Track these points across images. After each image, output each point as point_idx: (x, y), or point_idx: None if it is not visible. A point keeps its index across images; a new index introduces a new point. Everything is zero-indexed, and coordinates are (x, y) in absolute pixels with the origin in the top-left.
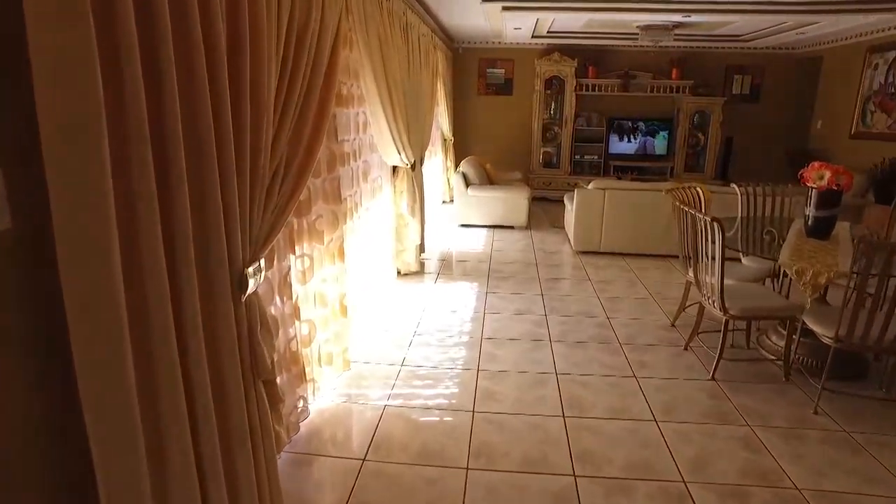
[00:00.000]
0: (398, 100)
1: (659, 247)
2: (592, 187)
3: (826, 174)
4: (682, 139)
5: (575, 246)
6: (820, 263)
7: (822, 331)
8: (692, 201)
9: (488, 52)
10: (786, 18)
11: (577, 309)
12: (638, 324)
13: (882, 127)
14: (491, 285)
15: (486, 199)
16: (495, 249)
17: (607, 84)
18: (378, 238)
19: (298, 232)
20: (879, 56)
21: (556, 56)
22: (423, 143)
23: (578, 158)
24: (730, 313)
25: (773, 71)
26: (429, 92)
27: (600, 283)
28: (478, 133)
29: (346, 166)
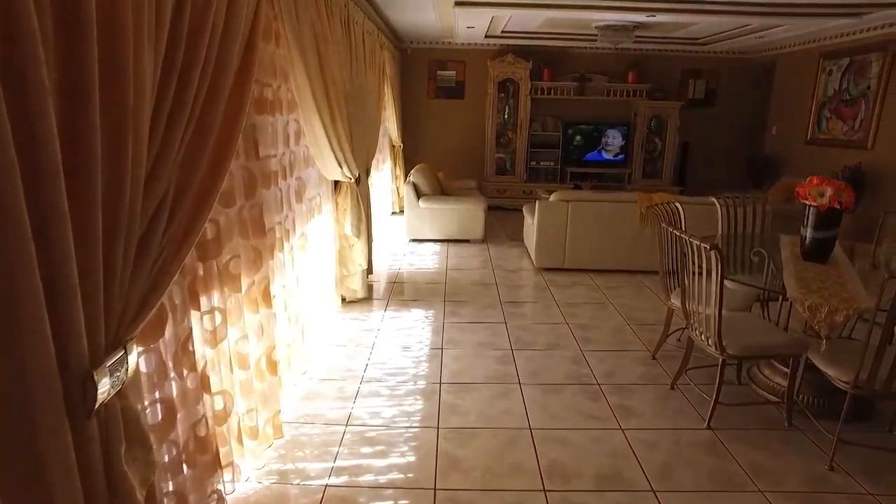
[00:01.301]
0: (338, 105)
1: (627, 262)
2: (555, 199)
3: (827, 191)
4: (640, 144)
5: (537, 262)
6: (836, 298)
7: (836, 374)
8: (671, 218)
9: (439, 52)
10: (751, 21)
11: (547, 340)
12: (615, 357)
13: (838, 134)
14: (448, 312)
15: (439, 211)
16: (451, 267)
17: (563, 87)
18: (318, 266)
19: (205, 280)
20: (833, 63)
21: (509, 58)
22: (370, 153)
23: (534, 165)
24: (728, 353)
25: (727, 75)
26: (375, 95)
27: (568, 306)
28: (429, 139)
29: (272, 188)
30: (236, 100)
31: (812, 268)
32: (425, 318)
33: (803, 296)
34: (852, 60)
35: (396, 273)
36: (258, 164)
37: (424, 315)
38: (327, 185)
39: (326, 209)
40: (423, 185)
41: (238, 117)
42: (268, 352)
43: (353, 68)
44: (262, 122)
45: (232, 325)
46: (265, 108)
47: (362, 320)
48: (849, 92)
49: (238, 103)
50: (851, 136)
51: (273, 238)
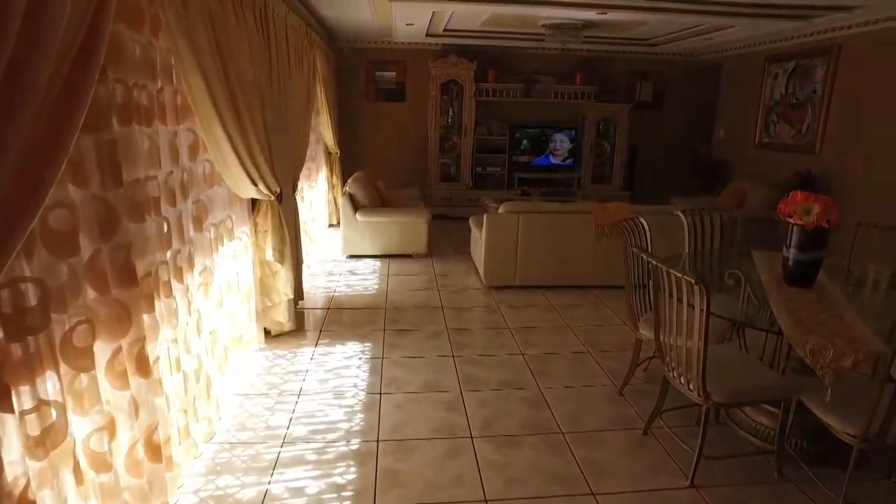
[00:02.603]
0: (250, 109)
1: (582, 277)
2: (504, 211)
3: (814, 208)
4: (589, 148)
5: (486, 280)
6: (840, 338)
7: (841, 426)
8: (637, 236)
9: (377, 52)
10: (704, 20)
11: (500, 376)
12: (578, 395)
13: (786, 138)
14: (388, 344)
15: (378, 224)
16: (392, 288)
17: (509, 89)
18: (230, 302)
19: (25, 364)
20: (778, 66)
21: (452, 58)
22: (297, 165)
23: (480, 171)
24: (713, 400)
25: (674, 78)
26: (304, 99)
27: (522, 331)
28: (367, 145)
29: (149, 219)
30: (64, 103)
31: (799, 295)
32: (362, 352)
33: (802, 335)
34: (797, 64)
35: (331, 296)
36: (122, 193)
37: (361, 349)
38: (243, 205)
39: (242, 233)
40: (360, 197)
41: (65, 128)
42: (147, 434)
43: (275, 67)
44: (130, 136)
45: (83, 415)
46: (137, 117)
47: (289, 359)
48: (795, 96)
49: (69, 108)
50: (799, 140)
51: (152, 284)
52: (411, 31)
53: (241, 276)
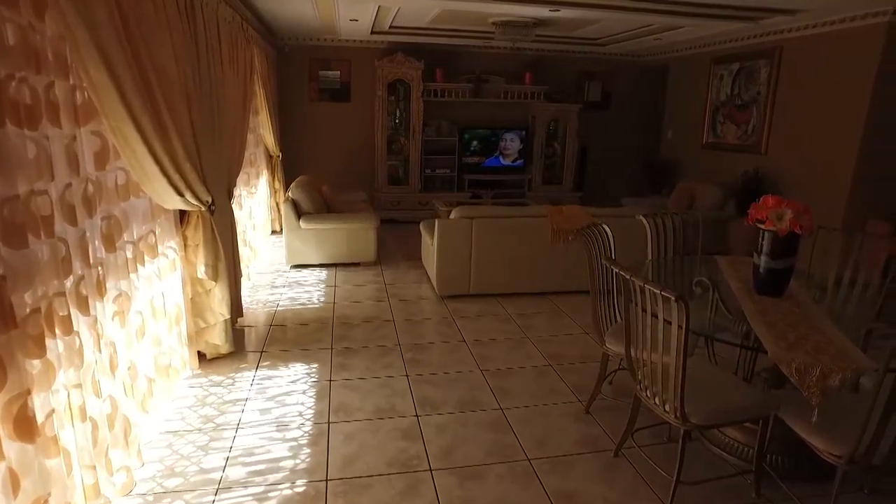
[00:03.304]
0: (172, 109)
1: (539, 283)
2: (456, 216)
3: (787, 213)
4: (539, 149)
5: (439, 289)
6: (825, 355)
7: (826, 447)
8: (602, 243)
9: (321, 50)
10: (655, 19)
11: (458, 396)
12: (543, 415)
13: (732, 138)
14: (336, 364)
15: (324, 232)
16: (339, 300)
17: (457, 89)
18: (154, 329)
19: None
20: (724, 68)
21: (399, 57)
22: (233, 170)
23: (429, 173)
24: (691, 422)
25: (622, 78)
26: (239, 98)
27: (479, 344)
28: (311, 147)
29: (36, 243)
30: None
31: (774, 306)
32: (308, 375)
33: (786, 353)
34: (742, 66)
35: (274, 311)
36: None
37: (307, 371)
38: (169, 217)
39: (169, 248)
40: (304, 202)
41: None
42: None
43: (204, 63)
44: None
45: None
46: (14, 117)
47: (226, 386)
48: (741, 97)
49: None
50: (745, 140)
51: (42, 322)
52: (356, 27)
53: (168, 298)
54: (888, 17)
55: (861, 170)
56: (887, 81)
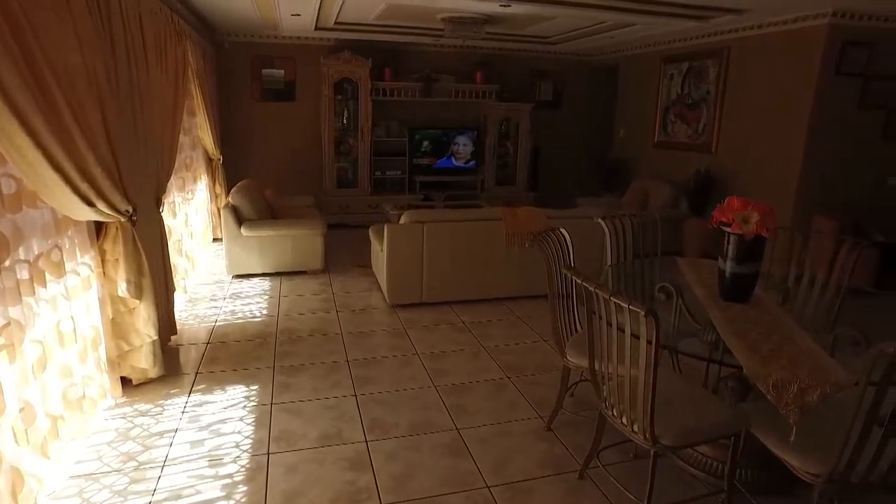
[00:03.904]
0: (78, 108)
1: (494, 289)
2: (406, 220)
3: (753, 216)
4: (491, 149)
5: (390, 298)
6: (803, 370)
7: (802, 465)
8: (560, 249)
9: (263, 47)
10: (607, 16)
11: (411, 418)
12: (502, 434)
13: (683, 137)
14: (279, 385)
15: (268, 239)
16: (284, 312)
17: (407, 88)
18: (64, 356)
19: None
20: (674, 67)
21: (346, 55)
22: (161, 175)
23: (379, 175)
24: (661, 443)
25: (573, 77)
26: (169, 97)
27: (433, 357)
28: (255, 150)
29: None
30: None
31: (742, 313)
32: (247, 398)
33: (762, 368)
34: (691, 65)
35: (213, 327)
36: None
37: (246, 394)
38: (81, 229)
39: (81, 264)
40: (245, 208)
41: None
42: None
43: (122, 57)
44: None
45: None
46: None
47: (154, 416)
48: (691, 96)
49: None
50: (696, 139)
51: None
52: (299, 23)
53: (81, 321)
54: (828, 19)
55: (807, 168)
56: (828, 81)
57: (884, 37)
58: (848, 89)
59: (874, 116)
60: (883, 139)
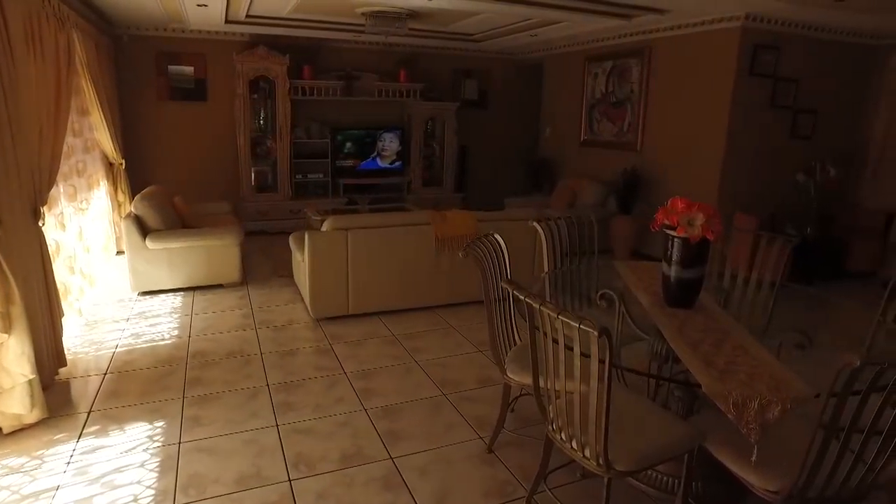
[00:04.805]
0: None
1: (425, 296)
2: (329, 227)
3: (699, 218)
4: (417, 149)
5: (314, 312)
6: (762, 384)
7: (761, 483)
8: (495, 257)
9: (168, 42)
10: (534, 13)
11: (341, 447)
12: (441, 461)
13: (609, 136)
14: (189, 419)
15: (177, 251)
16: (197, 332)
17: (327, 87)
18: None
19: None
20: (598, 66)
21: (261, 51)
22: (38, 183)
23: (301, 178)
24: (616, 469)
25: (498, 76)
26: (49, 95)
27: (362, 376)
28: (163, 153)
29: None
30: None
31: (688, 320)
32: (151, 438)
33: (720, 384)
34: (615, 64)
35: (112, 354)
36: None
37: (150, 433)
38: None
39: None
40: (151, 218)
41: None
42: None
43: None
44: None
45: None
46: None
47: (28, 472)
48: (615, 95)
49: None
50: (621, 138)
51: None
52: (206, 15)
53: None
54: (741, 22)
55: (727, 166)
56: (743, 82)
57: (789, 41)
58: (760, 90)
59: (784, 116)
60: (791, 137)
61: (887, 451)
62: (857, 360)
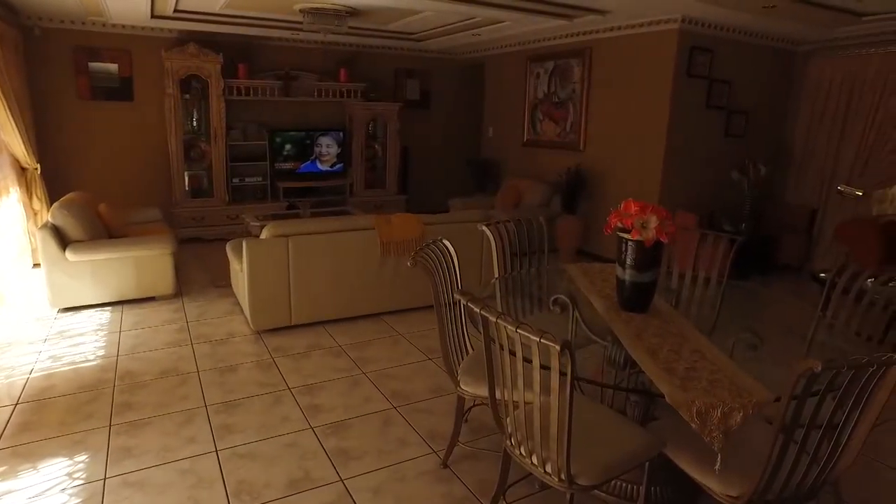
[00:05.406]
0: None
1: (371, 303)
2: (268, 235)
3: (652, 221)
4: (359, 151)
5: (254, 323)
6: (723, 390)
7: (722, 489)
8: (445, 264)
9: (87, 37)
10: (477, 12)
11: (287, 472)
12: (395, 479)
13: (552, 135)
14: (115, 450)
15: (103, 263)
16: (126, 351)
17: (264, 87)
18: None
19: None
20: (540, 66)
21: (192, 48)
22: None
23: (238, 182)
24: (578, 484)
25: (440, 76)
26: None
27: (307, 391)
28: (85, 156)
29: None
30: None
31: (644, 324)
32: (70, 475)
33: (683, 393)
34: (556, 65)
35: (25, 381)
36: None
37: (70, 470)
38: None
39: None
40: (71, 228)
41: None
42: None
43: None
44: None
45: None
46: None
47: None
48: (557, 95)
49: None
50: (565, 138)
51: None
52: (129, 9)
53: None
54: (678, 25)
55: (668, 165)
56: (681, 83)
57: (722, 44)
58: (697, 91)
59: (718, 116)
60: (725, 137)
61: (840, 449)
62: (818, 365)
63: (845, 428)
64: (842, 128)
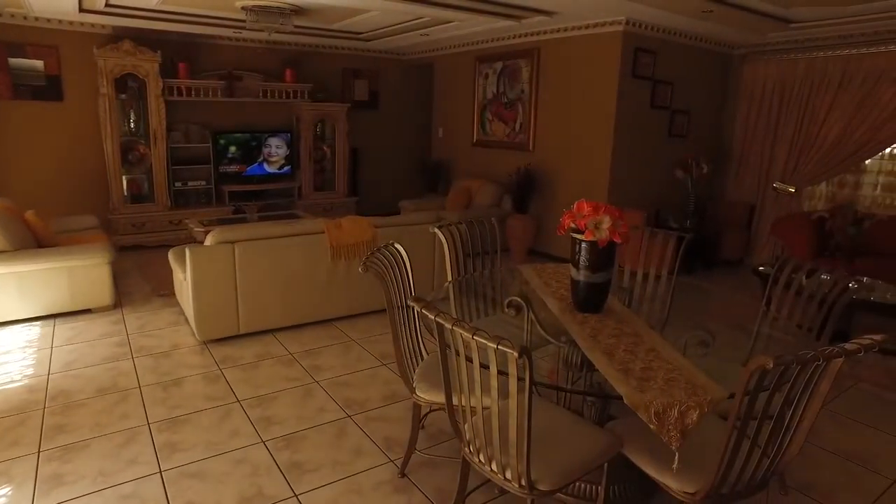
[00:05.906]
0: None
1: (322, 309)
2: (213, 241)
3: (605, 221)
4: (307, 153)
5: (200, 333)
6: (679, 390)
7: (679, 486)
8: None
9: (7, 30)
10: (425, 11)
11: (238, 491)
12: (352, 492)
13: (501, 136)
14: (45, 479)
15: (31, 274)
16: (57, 369)
17: (207, 87)
18: None
19: None
20: (489, 66)
21: (127, 46)
22: None
23: (180, 186)
24: (538, 489)
25: (389, 76)
26: None
27: (258, 404)
28: (9, 161)
29: None
30: None
31: (599, 324)
32: None
33: (640, 395)
34: (505, 65)
35: None
36: None
37: None
38: None
39: None
40: None
41: None
42: None
43: None
44: None
45: None
46: None
47: None
48: (506, 95)
49: None
50: (514, 138)
51: None
52: (55, 2)
53: None
54: (622, 27)
55: (616, 163)
56: (627, 83)
57: (664, 46)
58: (642, 91)
59: (662, 116)
60: (669, 136)
61: (789, 439)
62: (770, 362)
63: (793, 419)
64: (775, 128)
